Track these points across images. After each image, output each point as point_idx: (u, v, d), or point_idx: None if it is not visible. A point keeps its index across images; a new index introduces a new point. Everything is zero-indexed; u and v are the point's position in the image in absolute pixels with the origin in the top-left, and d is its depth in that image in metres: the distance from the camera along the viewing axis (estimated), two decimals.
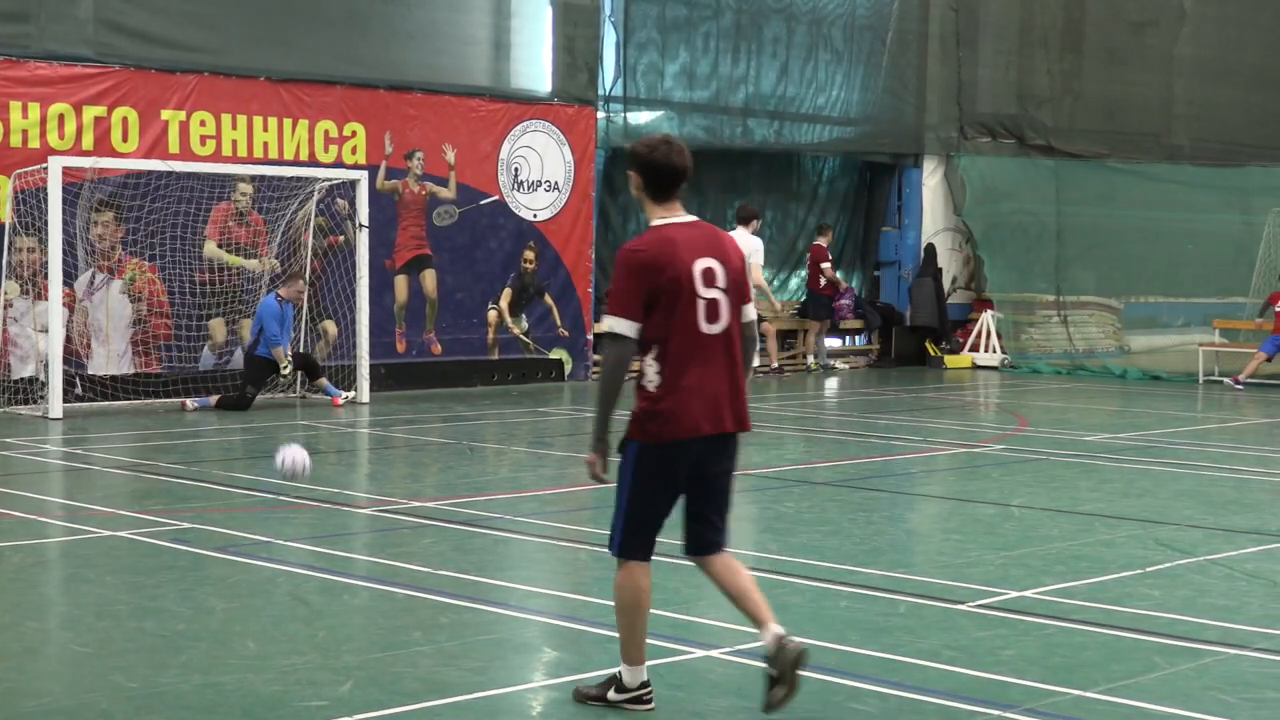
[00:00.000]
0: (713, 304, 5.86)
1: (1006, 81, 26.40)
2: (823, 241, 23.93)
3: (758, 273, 15.67)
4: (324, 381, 17.52)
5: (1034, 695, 6.14)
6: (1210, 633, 7.20)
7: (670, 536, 9.46)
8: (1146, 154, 27.37)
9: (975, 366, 24.53)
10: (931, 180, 25.70)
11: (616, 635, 6.11)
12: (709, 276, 5.87)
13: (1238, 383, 21.06)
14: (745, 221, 15.90)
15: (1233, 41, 28.54)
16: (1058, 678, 6.38)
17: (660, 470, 5.86)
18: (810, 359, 23.80)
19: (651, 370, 5.84)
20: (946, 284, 25.64)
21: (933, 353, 25.09)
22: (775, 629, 5.85)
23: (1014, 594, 8.00)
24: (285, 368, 17.11)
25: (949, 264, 25.83)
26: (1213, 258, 27.05)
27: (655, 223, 5.99)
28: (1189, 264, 27.34)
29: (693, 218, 6.06)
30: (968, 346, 24.97)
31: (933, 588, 8.18)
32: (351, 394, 17.69)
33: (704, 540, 6.05)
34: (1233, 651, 6.89)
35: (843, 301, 24.34)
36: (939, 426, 16.23)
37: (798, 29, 23.70)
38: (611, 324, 5.79)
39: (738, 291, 5.96)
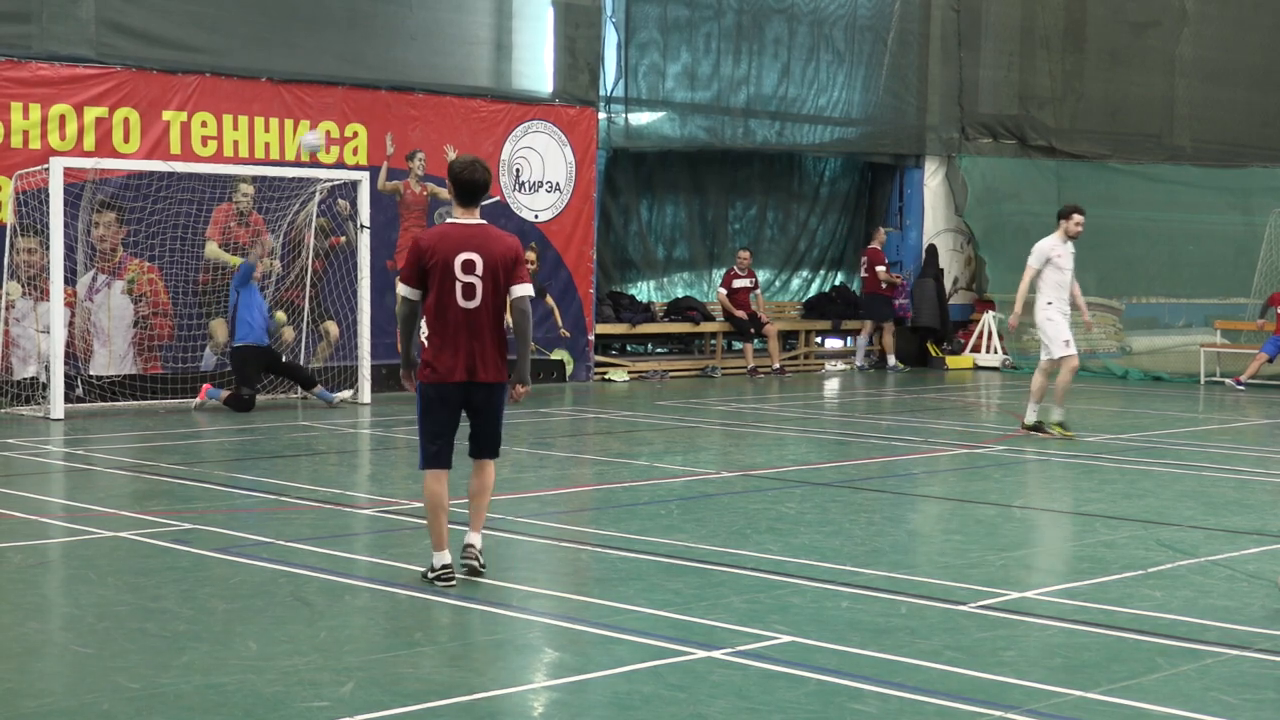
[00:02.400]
0: (469, 286, 7.89)
1: (1008, 82, 26.40)
2: (876, 244, 24.06)
3: (1027, 275, 15.07)
4: (319, 389, 17.46)
5: (1035, 696, 6.14)
6: (1212, 634, 7.20)
7: (668, 536, 9.49)
8: (1148, 155, 27.37)
9: (976, 367, 24.54)
10: (933, 181, 25.70)
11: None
12: (468, 266, 7.88)
13: (1239, 383, 21.06)
14: (1064, 217, 15.02)
15: (1234, 42, 28.54)
16: (1059, 679, 6.38)
17: (433, 403, 8.07)
18: (858, 358, 24.23)
19: (426, 329, 8.03)
20: (948, 285, 25.64)
21: (934, 353, 25.10)
22: (472, 538, 8.16)
23: (1015, 595, 8.00)
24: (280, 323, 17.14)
25: (950, 265, 25.83)
26: (1214, 258, 27.04)
27: (449, 220, 8.03)
28: (1190, 265, 27.33)
29: (480, 222, 8.02)
30: (969, 347, 24.97)
31: (934, 588, 8.17)
32: (349, 394, 17.69)
33: (476, 449, 8.29)
34: (1234, 652, 6.88)
35: (901, 301, 24.50)
36: (940, 427, 16.22)
37: (799, 29, 23.69)
38: (400, 289, 8.05)
39: (497, 277, 7.92)
